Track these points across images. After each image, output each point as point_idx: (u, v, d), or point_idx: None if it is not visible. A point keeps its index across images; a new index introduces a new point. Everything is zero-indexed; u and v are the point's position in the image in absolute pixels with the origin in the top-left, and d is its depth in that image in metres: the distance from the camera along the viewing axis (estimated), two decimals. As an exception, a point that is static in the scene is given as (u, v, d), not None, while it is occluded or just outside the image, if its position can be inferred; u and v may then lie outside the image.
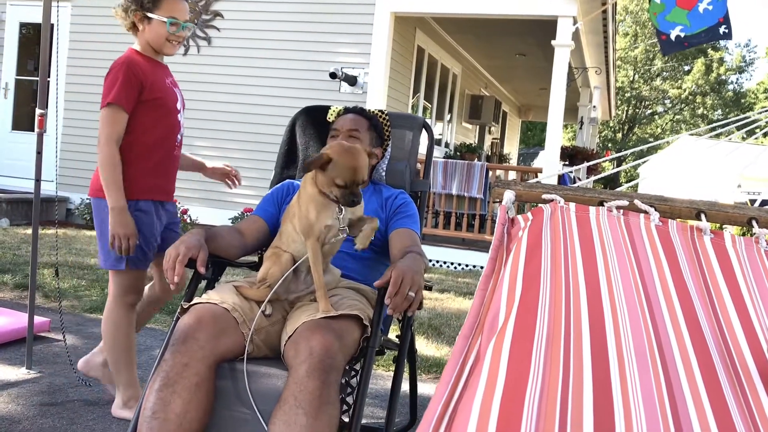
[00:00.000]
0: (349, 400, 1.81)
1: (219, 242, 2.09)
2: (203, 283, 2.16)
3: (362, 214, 2.02)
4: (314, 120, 2.74)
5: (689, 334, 1.21)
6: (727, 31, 6.43)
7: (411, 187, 2.65)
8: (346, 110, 2.55)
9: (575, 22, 7.43)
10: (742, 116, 3.12)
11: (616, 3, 8.57)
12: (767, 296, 1.31)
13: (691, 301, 1.28)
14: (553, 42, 7.41)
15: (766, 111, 3.51)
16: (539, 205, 1.49)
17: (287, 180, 2.53)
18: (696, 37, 6.51)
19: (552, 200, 1.49)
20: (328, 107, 2.73)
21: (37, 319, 3.37)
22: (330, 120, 2.64)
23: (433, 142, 2.73)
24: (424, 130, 2.75)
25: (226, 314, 1.87)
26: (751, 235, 1.47)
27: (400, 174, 2.64)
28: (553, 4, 7.35)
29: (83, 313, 4.16)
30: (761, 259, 1.40)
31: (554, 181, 7.41)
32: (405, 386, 2.55)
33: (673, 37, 6.57)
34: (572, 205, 1.48)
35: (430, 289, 2.27)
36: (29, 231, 7.00)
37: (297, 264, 1.99)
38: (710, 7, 6.43)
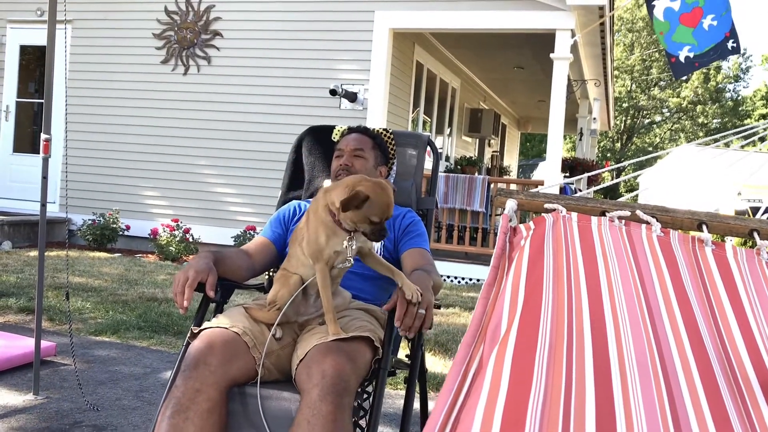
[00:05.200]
0: (362, 423, 1.80)
1: (227, 265, 2.09)
2: (212, 306, 2.15)
3: (371, 246, 2.00)
4: (319, 140, 2.74)
5: (690, 344, 1.21)
6: (735, 45, 6.40)
7: (417, 205, 2.65)
8: (350, 130, 2.56)
9: (573, 35, 7.47)
10: (742, 128, 3.13)
11: (613, 15, 8.62)
12: None
13: (692, 312, 1.28)
14: (551, 55, 7.44)
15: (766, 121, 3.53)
16: (541, 214, 1.50)
17: (293, 201, 2.53)
18: (705, 56, 6.46)
19: (554, 210, 1.49)
20: (333, 127, 2.74)
21: (44, 343, 3.36)
22: (335, 139, 2.65)
23: (438, 160, 2.73)
24: (428, 147, 2.76)
25: (237, 338, 1.86)
26: (752, 247, 1.47)
27: (406, 192, 2.64)
28: (551, 17, 7.39)
29: (89, 336, 4.15)
30: (762, 270, 1.40)
31: (556, 192, 7.42)
32: (415, 404, 2.54)
33: (682, 58, 6.53)
34: (574, 214, 1.48)
35: (438, 308, 2.27)
36: (32, 253, 6.99)
37: (305, 284, 1.98)
38: (714, 23, 6.42)
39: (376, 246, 2.29)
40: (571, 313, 1.22)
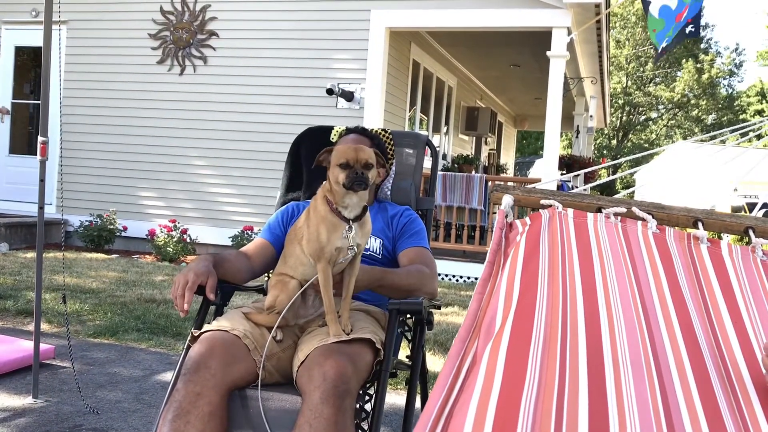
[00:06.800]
0: (364, 425, 1.80)
1: (227, 267, 2.08)
2: (211, 309, 2.15)
3: (369, 235, 2.01)
4: (317, 141, 2.73)
5: (684, 341, 1.22)
6: (693, 30, 6.71)
7: (416, 205, 2.65)
8: (349, 130, 2.55)
9: (569, 33, 7.47)
10: (739, 125, 3.14)
11: (609, 13, 8.63)
12: (762, 305, 1.33)
13: (687, 309, 1.29)
14: (548, 53, 7.45)
15: (762, 118, 3.55)
16: (538, 210, 1.50)
17: (292, 202, 2.53)
18: (672, 43, 6.80)
19: (550, 206, 1.49)
20: (331, 128, 2.73)
21: (42, 346, 3.35)
22: (333, 140, 2.64)
23: (437, 160, 2.73)
24: (427, 147, 2.76)
25: (238, 341, 1.86)
26: (747, 244, 1.48)
27: (405, 192, 2.64)
28: (547, 15, 7.40)
29: (87, 338, 4.14)
30: (757, 267, 1.41)
31: (553, 188, 7.42)
32: (416, 405, 2.53)
33: (660, 48, 6.86)
34: (570, 211, 1.49)
35: (438, 308, 2.27)
36: (29, 255, 6.97)
37: (305, 287, 1.97)
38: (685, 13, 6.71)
39: (376, 246, 2.29)
40: (566, 309, 1.23)
